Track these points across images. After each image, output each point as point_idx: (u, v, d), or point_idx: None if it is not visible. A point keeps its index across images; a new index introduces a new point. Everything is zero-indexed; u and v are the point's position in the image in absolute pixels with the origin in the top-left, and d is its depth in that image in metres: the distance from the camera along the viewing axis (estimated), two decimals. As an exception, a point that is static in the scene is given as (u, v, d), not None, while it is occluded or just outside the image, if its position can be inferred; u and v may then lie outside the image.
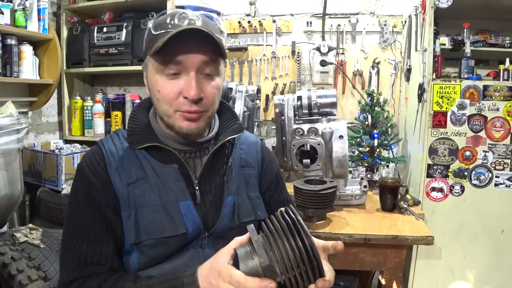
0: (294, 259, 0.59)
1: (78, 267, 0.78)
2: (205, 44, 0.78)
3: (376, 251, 1.43)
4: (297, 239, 0.60)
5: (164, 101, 0.81)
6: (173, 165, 0.84)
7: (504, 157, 1.73)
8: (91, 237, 0.80)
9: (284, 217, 0.63)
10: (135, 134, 0.87)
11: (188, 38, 0.77)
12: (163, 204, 0.82)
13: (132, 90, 2.61)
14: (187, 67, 0.79)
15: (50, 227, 1.82)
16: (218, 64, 0.83)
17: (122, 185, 0.82)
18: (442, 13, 1.74)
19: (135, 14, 2.32)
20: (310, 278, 0.61)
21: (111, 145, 0.87)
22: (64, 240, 0.83)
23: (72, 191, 0.85)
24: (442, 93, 1.72)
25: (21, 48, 2.01)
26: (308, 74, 2.37)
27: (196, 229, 0.83)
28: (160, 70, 0.80)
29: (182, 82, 0.79)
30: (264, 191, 1.00)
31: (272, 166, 1.04)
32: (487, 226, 1.76)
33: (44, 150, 2.15)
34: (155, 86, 0.82)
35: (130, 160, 0.84)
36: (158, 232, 0.80)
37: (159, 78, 0.81)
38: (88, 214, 0.81)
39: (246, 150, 0.97)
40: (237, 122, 0.96)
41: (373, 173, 1.98)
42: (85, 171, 0.83)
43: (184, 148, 0.88)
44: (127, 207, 0.81)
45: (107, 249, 0.80)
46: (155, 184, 0.83)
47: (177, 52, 0.77)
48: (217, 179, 0.89)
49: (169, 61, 0.78)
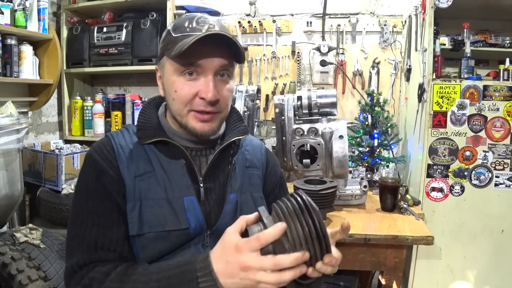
0: (302, 235, 0.61)
1: (88, 251, 0.78)
2: (224, 49, 0.82)
3: (376, 251, 1.43)
4: (307, 215, 0.62)
5: (180, 101, 0.84)
6: (180, 160, 0.86)
7: (504, 157, 1.73)
8: (101, 222, 0.80)
9: (293, 196, 0.66)
10: (144, 129, 0.89)
11: (209, 42, 0.79)
12: (168, 198, 0.83)
13: (132, 90, 2.61)
14: (206, 70, 0.82)
15: (50, 227, 1.82)
16: (234, 68, 0.87)
17: (130, 176, 0.83)
18: (442, 13, 1.74)
19: (135, 14, 2.32)
20: (318, 254, 0.62)
21: (121, 138, 0.89)
22: (72, 227, 0.82)
23: (81, 179, 0.85)
24: (442, 93, 1.72)
25: (21, 48, 2.01)
26: (308, 74, 2.37)
27: (198, 225, 0.84)
28: (179, 71, 0.83)
29: (199, 84, 0.82)
30: (268, 193, 1.02)
31: (276, 169, 1.06)
32: (487, 226, 1.76)
33: (44, 150, 2.15)
34: (172, 87, 0.84)
35: (139, 154, 0.86)
36: (161, 225, 0.81)
37: (176, 79, 0.83)
38: (98, 200, 0.81)
39: (251, 151, 1.00)
40: (243, 124, 0.98)
41: (373, 173, 1.98)
42: (96, 158, 0.84)
43: (191, 146, 0.90)
44: (132, 198, 0.82)
45: (118, 234, 0.80)
46: (161, 178, 0.84)
47: (198, 55, 0.80)
48: (221, 177, 0.91)
49: (190, 63, 0.81)
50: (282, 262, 0.61)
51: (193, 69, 0.82)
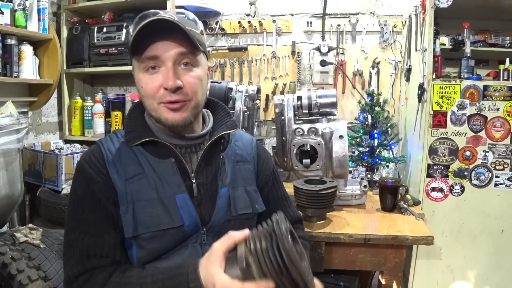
0: (272, 267, 0.59)
1: (81, 261, 0.79)
2: (177, 36, 0.82)
3: (376, 251, 1.43)
4: (274, 248, 0.60)
5: (148, 96, 0.85)
6: (170, 159, 0.87)
7: (504, 157, 1.73)
8: (92, 230, 0.81)
9: (267, 225, 0.64)
10: (132, 131, 0.90)
11: (160, 33, 0.81)
12: (160, 198, 0.84)
13: (132, 90, 2.61)
14: (164, 60, 0.83)
15: (50, 227, 1.82)
16: (196, 55, 0.87)
17: (120, 180, 0.84)
18: (442, 13, 1.74)
19: (135, 14, 2.27)
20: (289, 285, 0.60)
21: (110, 143, 0.90)
22: (66, 237, 0.84)
23: (72, 189, 0.87)
24: (442, 93, 1.72)
25: (21, 48, 2.01)
26: (308, 74, 2.37)
27: (192, 222, 0.84)
28: (141, 68, 0.85)
29: (161, 76, 0.83)
30: (261, 187, 1.02)
31: (269, 162, 1.07)
32: (487, 226, 1.76)
33: (44, 150, 2.15)
34: (139, 84, 0.86)
35: (128, 157, 0.87)
36: (155, 225, 0.82)
37: (142, 76, 0.85)
38: (89, 208, 0.82)
39: (241, 146, 1.00)
40: (231, 119, 0.99)
41: (373, 173, 1.98)
42: (84, 167, 0.85)
43: (180, 143, 0.91)
44: (125, 201, 0.83)
45: (109, 241, 0.81)
46: (152, 179, 0.85)
47: (151, 47, 0.82)
48: (212, 172, 0.92)
49: (146, 57, 0.83)
50: None
51: (153, 63, 0.83)
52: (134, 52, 0.84)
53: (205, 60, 0.91)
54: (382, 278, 1.53)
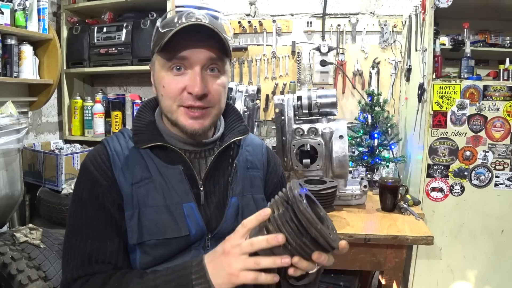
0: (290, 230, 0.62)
1: (82, 265, 0.78)
2: (210, 41, 0.79)
3: (376, 251, 1.43)
4: (290, 212, 0.62)
5: (168, 97, 0.82)
6: (178, 166, 0.84)
7: (504, 157, 1.73)
8: (95, 235, 0.79)
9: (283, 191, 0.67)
10: (140, 133, 0.86)
11: (193, 34, 0.78)
12: (167, 205, 0.81)
13: (132, 90, 2.61)
14: (192, 63, 0.79)
15: (50, 227, 1.82)
16: (224, 62, 0.84)
17: (126, 184, 0.81)
18: (442, 13, 1.74)
19: (135, 14, 2.32)
20: (305, 249, 0.62)
21: (116, 144, 0.87)
22: (67, 239, 0.82)
23: (76, 190, 0.84)
24: (442, 93, 1.72)
25: (21, 48, 2.01)
26: (308, 74, 2.37)
27: (199, 231, 0.82)
28: (166, 66, 0.81)
29: (187, 78, 0.80)
30: (269, 193, 0.99)
31: (277, 168, 1.03)
32: (487, 226, 1.76)
33: (44, 150, 2.15)
34: (160, 83, 0.82)
35: (135, 160, 0.84)
36: (161, 233, 0.79)
37: (165, 75, 0.81)
38: (92, 212, 0.80)
39: (251, 152, 0.97)
40: (243, 124, 0.95)
41: (373, 173, 1.98)
42: (90, 169, 0.82)
43: (190, 148, 0.88)
44: (131, 206, 0.80)
45: (112, 247, 0.79)
46: (159, 185, 0.82)
47: (182, 48, 0.78)
48: (221, 180, 0.89)
49: (174, 57, 0.79)
50: (257, 242, 0.63)
51: (179, 63, 0.79)
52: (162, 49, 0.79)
53: (229, 66, 0.88)
54: (382, 278, 1.53)
